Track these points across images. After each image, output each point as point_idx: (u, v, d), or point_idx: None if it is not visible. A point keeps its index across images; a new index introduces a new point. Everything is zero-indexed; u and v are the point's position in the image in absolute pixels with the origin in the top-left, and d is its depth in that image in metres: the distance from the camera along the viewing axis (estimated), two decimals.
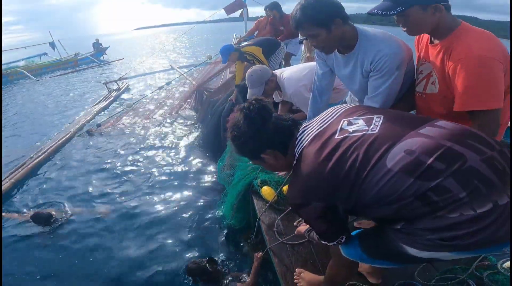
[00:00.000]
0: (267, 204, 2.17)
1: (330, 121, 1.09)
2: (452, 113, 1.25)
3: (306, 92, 2.42)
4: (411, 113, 1.14)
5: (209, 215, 3.13)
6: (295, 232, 1.67)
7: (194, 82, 6.54)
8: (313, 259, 1.66)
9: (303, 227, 1.46)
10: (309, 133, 1.09)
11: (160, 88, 7.11)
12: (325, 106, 2.00)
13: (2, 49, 19.99)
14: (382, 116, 1.02)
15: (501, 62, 1.15)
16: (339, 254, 1.12)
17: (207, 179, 3.86)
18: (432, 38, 1.37)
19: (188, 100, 6.23)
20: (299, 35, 4.36)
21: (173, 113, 6.27)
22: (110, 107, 7.58)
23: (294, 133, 1.13)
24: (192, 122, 5.74)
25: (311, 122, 1.16)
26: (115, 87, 8.92)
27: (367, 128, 1.00)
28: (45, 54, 18.06)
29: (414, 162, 0.85)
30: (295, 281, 1.54)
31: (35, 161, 4.51)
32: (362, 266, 1.50)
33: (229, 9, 7.55)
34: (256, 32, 6.15)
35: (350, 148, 0.94)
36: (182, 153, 4.63)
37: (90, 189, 3.84)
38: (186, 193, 3.58)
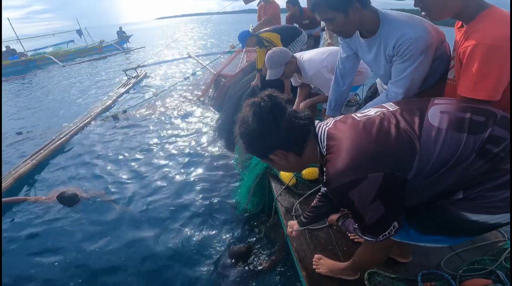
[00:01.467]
0: (284, 187, 2.10)
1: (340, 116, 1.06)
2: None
3: (328, 73, 2.35)
4: None
5: (225, 202, 3.10)
6: (327, 222, 1.57)
7: (212, 71, 6.46)
8: (333, 246, 1.58)
9: (335, 215, 1.39)
10: (327, 122, 1.02)
11: (186, 79, 7.12)
12: (347, 89, 1.94)
13: (32, 35, 20.62)
14: (390, 102, 1.03)
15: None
16: None
17: (223, 166, 3.82)
18: (462, 23, 1.23)
19: (209, 89, 6.19)
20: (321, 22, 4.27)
21: (195, 101, 6.28)
22: (132, 95, 7.65)
23: (311, 130, 1.01)
24: (210, 110, 5.70)
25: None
26: (134, 74, 9.08)
27: (385, 108, 0.97)
28: (72, 41, 18.69)
29: (456, 119, 0.85)
30: (314, 266, 1.46)
31: (57, 143, 4.58)
32: None
33: None
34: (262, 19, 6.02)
35: (384, 119, 0.90)
36: (200, 141, 4.61)
37: (111, 171, 3.88)
38: (202, 181, 3.55)
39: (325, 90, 2.42)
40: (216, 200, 3.14)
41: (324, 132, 0.97)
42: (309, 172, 2.14)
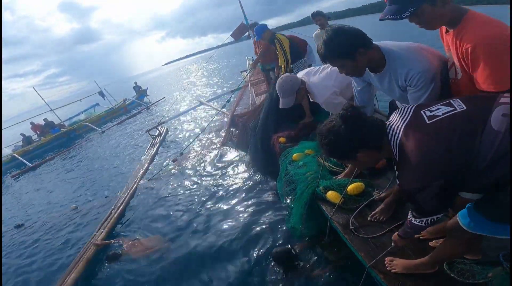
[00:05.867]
0: (335, 207, 2.16)
1: (409, 114, 1.14)
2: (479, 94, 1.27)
3: (337, 98, 2.45)
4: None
5: (278, 232, 3.17)
6: (392, 244, 1.55)
7: (227, 113, 6.54)
8: (401, 247, 1.60)
9: (395, 235, 1.47)
10: (397, 126, 1.14)
11: (202, 131, 7.11)
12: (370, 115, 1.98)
13: (64, 103, 20.02)
14: (457, 99, 1.08)
15: (506, 45, 1.12)
16: (458, 230, 1.10)
17: (267, 199, 3.88)
18: (447, 28, 1.36)
19: (231, 128, 6.11)
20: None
21: (223, 142, 6.22)
22: (162, 150, 7.66)
23: (385, 130, 1.19)
24: (236, 151, 5.71)
25: (391, 119, 1.22)
26: (156, 133, 8.85)
27: (453, 108, 1.04)
28: (98, 104, 18.45)
29: None
30: (388, 268, 1.50)
31: (118, 212, 4.70)
32: None
33: (236, 35, 7.77)
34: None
35: (451, 124, 0.99)
36: (238, 180, 4.66)
37: (167, 221, 4.13)
38: (250, 216, 3.61)
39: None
40: (267, 232, 3.23)
41: (397, 141, 1.12)
42: (353, 188, 2.21)
